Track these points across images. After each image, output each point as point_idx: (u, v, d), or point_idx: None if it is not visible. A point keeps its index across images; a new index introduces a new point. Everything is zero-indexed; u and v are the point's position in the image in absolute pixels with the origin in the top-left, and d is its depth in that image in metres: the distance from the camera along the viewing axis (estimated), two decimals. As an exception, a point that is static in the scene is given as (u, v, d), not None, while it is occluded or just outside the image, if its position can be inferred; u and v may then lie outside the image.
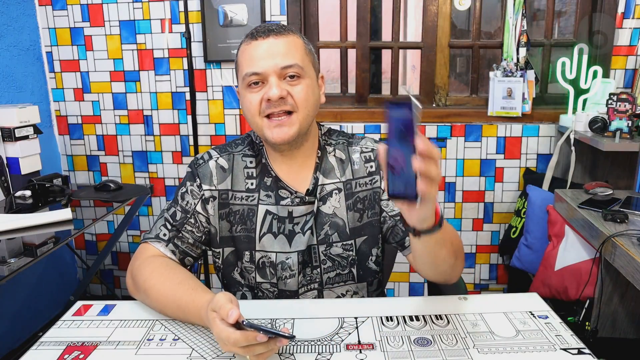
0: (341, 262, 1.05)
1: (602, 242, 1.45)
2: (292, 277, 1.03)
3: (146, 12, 2.25)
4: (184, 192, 1.05)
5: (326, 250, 1.04)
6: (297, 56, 0.96)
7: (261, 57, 0.94)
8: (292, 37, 0.97)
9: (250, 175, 1.05)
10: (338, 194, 1.04)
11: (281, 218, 1.03)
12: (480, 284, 2.44)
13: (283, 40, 0.95)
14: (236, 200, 1.04)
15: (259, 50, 0.94)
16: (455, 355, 0.79)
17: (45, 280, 2.31)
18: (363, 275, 1.07)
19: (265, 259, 1.04)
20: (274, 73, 0.94)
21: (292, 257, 1.03)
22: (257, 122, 0.97)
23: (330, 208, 1.04)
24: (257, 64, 0.94)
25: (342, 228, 1.04)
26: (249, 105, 0.96)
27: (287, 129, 0.95)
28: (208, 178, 1.04)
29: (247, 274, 1.05)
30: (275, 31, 0.96)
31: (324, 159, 1.06)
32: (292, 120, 0.95)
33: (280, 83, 0.94)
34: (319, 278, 1.05)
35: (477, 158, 2.29)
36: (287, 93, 0.94)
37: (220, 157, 1.06)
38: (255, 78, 0.94)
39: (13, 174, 1.92)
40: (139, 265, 0.98)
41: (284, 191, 1.03)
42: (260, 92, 0.95)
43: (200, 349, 0.82)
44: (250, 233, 1.03)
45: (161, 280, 0.92)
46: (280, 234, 1.03)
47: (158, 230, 1.03)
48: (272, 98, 0.93)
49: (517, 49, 2.13)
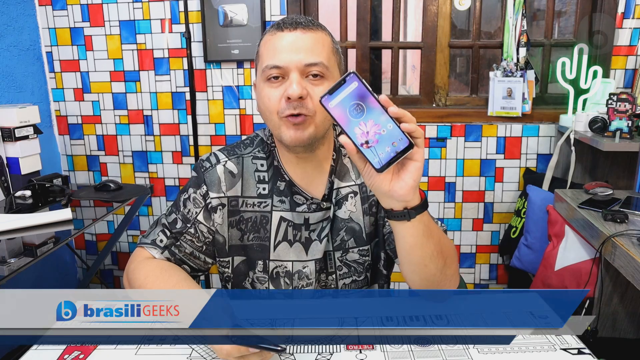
0: (357, 268, 1.01)
1: (602, 242, 1.45)
2: (309, 285, 1.00)
3: (146, 12, 2.25)
4: (186, 198, 0.99)
5: (342, 256, 1.00)
6: (324, 54, 0.89)
7: (285, 50, 0.87)
8: (321, 33, 0.91)
9: (262, 179, 0.99)
10: (354, 197, 1.00)
11: (297, 225, 0.98)
12: (480, 284, 2.44)
13: (310, 36, 0.89)
14: (247, 207, 0.98)
15: (283, 43, 0.88)
16: (455, 355, 0.79)
17: (45, 281, 2.30)
18: (376, 278, 1.05)
19: (280, 269, 0.99)
20: (297, 69, 0.87)
21: (309, 265, 0.99)
22: (274, 119, 0.90)
23: (346, 212, 0.99)
24: (280, 57, 0.87)
25: (358, 233, 1.00)
26: (267, 101, 0.90)
27: (304, 131, 0.89)
28: (216, 185, 0.97)
29: (259, 284, 1.01)
30: (304, 24, 0.89)
31: (339, 162, 1.00)
32: (308, 123, 0.89)
33: (301, 81, 0.87)
34: (334, 284, 1.02)
35: (477, 158, 2.29)
36: (307, 93, 0.87)
37: (228, 160, 0.99)
38: (276, 72, 0.88)
39: (13, 174, 1.92)
40: (134, 268, 0.96)
41: (299, 197, 0.97)
42: (280, 88, 0.88)
43: (200, 349, 0.82)
44: (264, 241, 0.99)
45: (157, 283, 0.90)
46: (296, 242, 0.98)
47: (155, 236, 0.99)
48: (291, 96, 0.86)
49: (517, 49, 2.13)
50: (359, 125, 0.65)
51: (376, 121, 0.65)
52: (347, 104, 0.65)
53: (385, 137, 0.65)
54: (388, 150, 0.65)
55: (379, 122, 0.65)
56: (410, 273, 0.87)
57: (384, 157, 0.66)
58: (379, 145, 0.65)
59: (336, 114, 0.65)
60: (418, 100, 2.35)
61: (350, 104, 0.65)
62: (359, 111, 0.64)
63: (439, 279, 0.86)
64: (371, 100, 0.64)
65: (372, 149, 0.66)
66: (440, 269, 0.84)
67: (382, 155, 0.66)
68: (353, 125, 0.65)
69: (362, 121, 0.65)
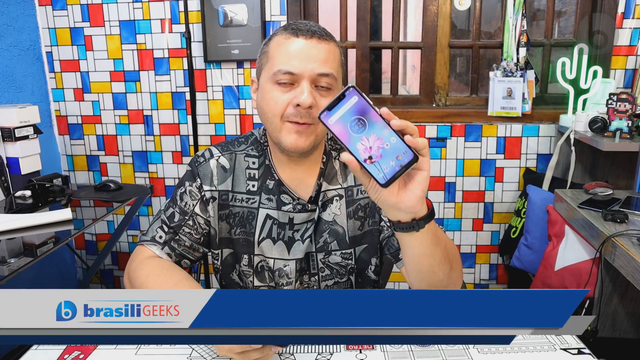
0: (340, 270, 1.03)
1: (602, 242, 1.45)
2: (289, 284, 1.02)
3: (146, 12, 2.25)
4: (182, 192, 1.02)
5: (325, 258, 1.02)
6: (334, 66, 0.92)
7: (299, 57, 0.89)
8: (333, 45, 0.93)
9: (252, 176, 1.02)
10: (339, 200, 1.01)
11: (282, 224, 1.00)
12: (480, 284, 2.44)
13: (325, 46, 0.91)
14: (236, 201, 1.01)
15: (297, 49, 0.89)
16: (455, 355, 0.79)
17: (45, 281, 2.30)
18: (362, 284, 1.05)
19: (264, 263, 1.02)
20: (309, 78, 0.89)
21: (289, 264, 1.01)
22: (276, 122, 0.92)
23: (330, 215, 1.01)
24: (293, 64, 0.89)
25: (341, 236, 1.01)
26: (272, 103, 0.91)
27: (305, 139, 0.91)
28: (208, 178, 1.01)
29: (244, 277, 1.04)
30: (319, 34, 0.91)
31: (328, 165, 1.02)
32: (310, 131, 0.91)
33: (312, 90, 0.89)
34: (317, 286, 1.03)
35: (477, 158, 2.29)
36: (316, 103, 0.89)
37: (221, 155, 1.03)
38: (288, 78, 0.89)
39: (13, 174, 1.92)
40: (135, 268, 0.97)
41: (286, 196, 1.00)
42: (289, 94, 0.90)
43: (200, 348, 0.82)
44: (249, 237, 1.01)
45: (158, 283, 0.91)
46: (279, 240, 1.01)
47: (154, 232, 1.00)
48: (302, 104, 0.88)
49: (517, 49, 2.13)
50: (361, 141, 0.63)
51: (379, 135, 0.63)
52: (348, 119, 0.63)
53: (389, 151, 0.63)
54: (392, 164, 0.64)
55: (381, 136, 0.63)
56: (417, 281, 0.87)
57: (389, 172, 0.64)
58: (382, 160, 0.64)
59: (337, 130, 0.63)
60: (418, 100, 2.35)
61: (351, 119, 0.63)
62: (361, 126, 0.63)
63: (445, 283, 0.87)
64: (372, 114, 0.63)
65: (376, 164, 0.64)
66: (447, 273, 0.84)
67: (386, 170, 0.64)
68: (355, 141, 0.63)
69: (364, 136, 0.63)
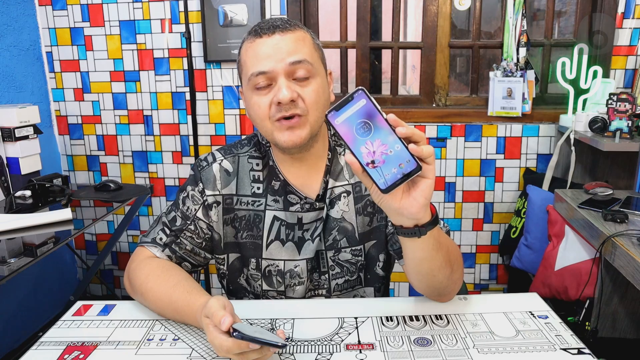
0: (350, 267, 1.02)
1: (602, 242, 1.45)
2: (300, 284, 1.01)
3: (146, 12, 2.25)
4: (184, 196, 1.01)
5: (334, 255, 1.00)
6: (306, 51, 0.89)
7: (267, 56, 0.87)
8: (299, 31, 0.91)
9: (257, 178, 1.00)
10: (347, 197, 1.00)
11: (290, 225, 0.99)
12: (480, 284, 2.44)
13: (290, 36, 0.89)
14: (242, 205, 1.00)
15: (264, 49, 0.88)
16: (455, 355, 0.79)
17: (45, 280, 2.31)
18: (370, 280, 1.05)
19: (272, 267, 1.00)
20: (283, 71, 0.87)
21: (300, 264, 0.99)
22: (267, 125, 0.90)
23: (338, 212, 0.99)
24: (263, 63, 0.87)
25: (351, 233, 1.00)
26: (257, 109, 0.90)
27: (299, 132, 0.89)
28: (211, 183, 0.99)
29: (252, 281, 1.03)
30: (281, 27, 0.89)
31: (334, 161, 1.00)
32: (302, 123, 0.89)
33: (290, 84, 0.87)
34: (327, 284, 1.02)
35: (477, 158, 2.29)
36: (298, 95, 0.88)
37: (224, 159, 1.01)
38: (263, 78, 0.88)
39: (13, 174, 1.92)
40: (135, 268, 0.97)
41: (293, 196, 0.98)
42: (269, 95, 0.88)
43: (200, 349, 0.82)
44: (257, 240, 1.00)
45: (157, 283, 0.91)
46: (288, 241, 0.99)
47: (156, 234, 1.00)
48: (282, 101, 0.86)
49: (517, 49, 2.13)
50: (365, 145, 0.62)
51: (383, 141, 0.62)
52: (354, 121, 0.62)
53: (392, 157, 0.63)
54: (394, 171, 0.63)
55: (386, 142, 0.62)
56: (417, 282, 0.88)
57: (390, 179, 0.64)
58: (385, 165, 0.63)
59: (342, 130, 0.63)
60: (418, 100, 2.35)
61: (357, 121, 0.62)
62: (366, 130, 0.62)
63: (445, 285, 0.88)
64: (379, 119, 0.62)
65: (378, 169, 0.64)
66: (448, 276, 0.85)
67: (388, 176, 0.64)
68: (359, 144, 0.63)
69: (368, 140, 0.62)
